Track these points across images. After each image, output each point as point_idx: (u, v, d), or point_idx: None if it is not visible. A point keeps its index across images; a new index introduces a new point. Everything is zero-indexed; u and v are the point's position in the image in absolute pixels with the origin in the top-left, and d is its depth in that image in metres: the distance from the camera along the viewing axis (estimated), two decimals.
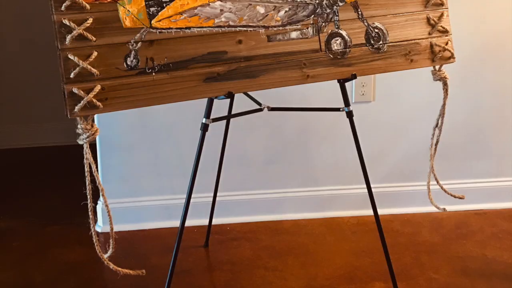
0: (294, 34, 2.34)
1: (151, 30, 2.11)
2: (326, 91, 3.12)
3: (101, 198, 2.14)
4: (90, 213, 2.15)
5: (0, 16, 4.62)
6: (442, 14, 2.58)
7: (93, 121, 2.08)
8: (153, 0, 2.10)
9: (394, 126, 3.56)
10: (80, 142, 2.07)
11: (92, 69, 2.02)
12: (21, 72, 4.79)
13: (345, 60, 2.43)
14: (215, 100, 2.33)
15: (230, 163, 3.30)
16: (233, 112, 2.85)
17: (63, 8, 1.96)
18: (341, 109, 2.54)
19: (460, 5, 3.20)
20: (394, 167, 3.62)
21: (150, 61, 2.11)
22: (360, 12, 2.43)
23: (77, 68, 2.00)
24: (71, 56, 1.99)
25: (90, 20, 2.01)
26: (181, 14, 2.13)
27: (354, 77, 2.45)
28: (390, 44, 2.50)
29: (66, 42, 1.98)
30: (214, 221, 3.30)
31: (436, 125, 2.73)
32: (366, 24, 2.45)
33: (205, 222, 3.28)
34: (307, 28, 2.36)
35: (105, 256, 2.19)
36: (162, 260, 3.09)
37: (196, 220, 3.37)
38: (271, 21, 2.29)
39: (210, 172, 3.15)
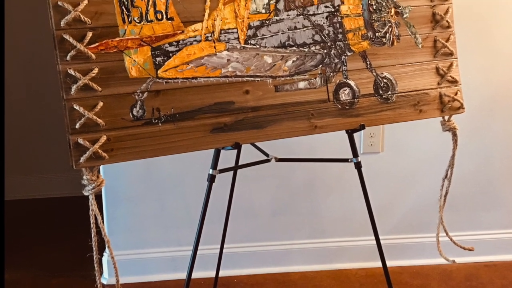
0: (302, 84, 2.33)
1: (157, 80, 2.10)
2: (334, 142, 3.10)
3: (106, 249, 2.12)
4: (95, 265, 2.12)
5: (5, 65, 4.63)
6: (451, 64, 2.57)
7: (98, 172, 2.06)
8: (159, 50, 2.09)
9: (403, 177, 3.53)
10: (86, 193, 2.05)
11: (98, 119, 2.01)
12: (26, 122, 4.79)
13: (354, 110, 2.42)
14: (222, 151, 2.31)
15: (237, 214, 3.27)
16: (240, 162, 2.83)
17: (68, 58, 1.96)
18: (349, 160, 2.53)
19: (469, 55, 3.19)
20: (403, 218, 3.58)
21: (157, 111, 2.10)
22: (368, 62, 2.42)
23: (83, 119, 1.99)
24: (76, 107, 1.99)
25: (96, 70, 2.00)
26: (188, 64, 2.12)
27: (362, 127, 2.43)
28: (399, 94, 2.48)
29: (72, 92, 1.98)
30: (221, 273, 3.26)
31: (445, 176, 2.71)
32: (374, 74, 2.43)
33: (212, 274, 3.24)
34: (315, 78, 2.35)
35: None
36: None
37: (203, 272, 3.33)
38: (279, 71, 2.28)
39: (217, 224, 3.12)
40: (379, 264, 2.64)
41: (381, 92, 2.45)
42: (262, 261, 3.52)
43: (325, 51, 2.34)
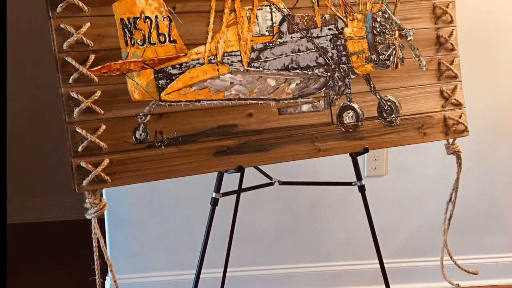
0: (305, 107, 2.32)
1: (160, 103, 2.09)
2: (337, 165, 3.09)
3: (109, 273, 2.10)
4: None
5: (8, 88, 4.62)
6: (455, 87, 2.56)
7: (101, 195, 2.05)
8: (162, 73, 2.09)
9: (407, 200, 3.51)
10: (88, 217, 2.04)
11: (100, 142, 2.00)
12: (29, 145, 4.78)
13: (357, 133, 2.41)
14: (225, 174, 2.30)
15: (240, 238, 3.25)
16: (243, 186, 2.81)
17: (70, 80, 1.95)
18: (353, 183, 2.52)
19: (474, 77, 3.19)
20: (407, 241, 3.56)
21: (159, 134, 2.09)
22: (372, 85, 2.42)
23: (85, 142, 1.99)
24: (79, 130, 1.98)
25: (98, 93, 1.99)
26: (191, 87, 2.12)
27: (366, 150, 2.43)
28: (403, 117, 2.47)
29: (74, 115, 1.97)
30: None
31: (450, 199, 2.70)
32: (378, 97, 2.43)
33: None
34: (319, 101, 2.34)
35: None
36: None
37: None
38: (282, 94, 2.27)
39: (220, 247, 3.10)
40: (383, 287, 2.62)
41: (385, 115, 2.45)
42: (265, 285, 3.50)
43: (328, 73, 2.33)
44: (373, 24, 2.34)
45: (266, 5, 2.25)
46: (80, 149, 1.98)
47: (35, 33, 4.56)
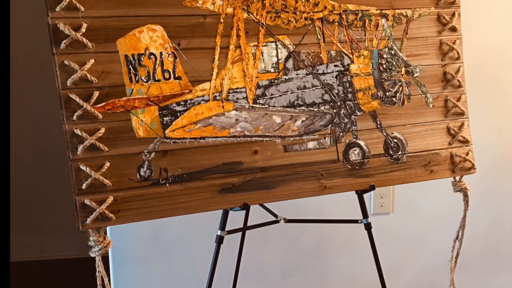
0: (311, 144, 2.31)
1: (164, 140, 2.09)
2: (343, 202, 3.06)
3: None
4: None
5: (11, 125, 4.63)
6: (462, 124, 2.55)
7: (105, 233, 2.05)
8: (166, 110, 2.08)
9: (414, 238, 3.49)
10: (92, 255, 2.03)
11: (105, 180, 2.00)
12: (32, 182, 4.78)
13: (363, 170, 2.40)
14: (230, 212, 2.28)
15: (245, 276, 3.23)
16: (248, 223, 2.79)
17: (74, 117, 1.95)
18: (359, 221, 2.50)
19: (481, 114, 3.18)
20: (413, 280, 3.54)
21: (164, 172, 2.09)
22: (378, 122, 2.41)
23: (89, 179, 1.98)
24: (83, 167, 1.97)
25: (103, 130, 1.99)
26: (196, 124, 2.11)
27: (372, 188, 2.42)
28: (410, 154, 2.47)
29: (78, 153, 1.97)
30: None
31: (457, 237, 2.69)
32: (385, 134, 2.42)
33: None
34: (325, 138, 2.33)
35: None
36: None
37: None
38: (288, 131, 2.26)
39: (225, 285, 3.08)
40: None
41: (391, 152, 2.44)
42: None
43: (334, 110, 2.33)
44: (380, 61, 2.34)
45: (272, 42, 2.25)
46: (84, 186, 1.98)
47: (39, 69, 4.57)
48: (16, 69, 4.51)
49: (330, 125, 2.34)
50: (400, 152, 2.45)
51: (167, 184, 2.09)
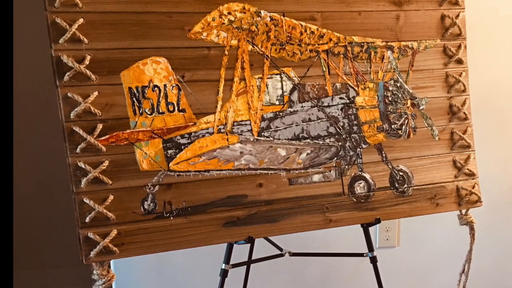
0: (316, 177, 2.31)
1: (169, 173, 2.08)
2: (348, 235, 3.06)
3: None
4: None
5: (14, 158, 4.62)
6: (468, 157, 2.55)
7: (109, 266, 2.04)
8: (171, 142, 2.08)
9: (420, 272, 3.47)
10: None
11: (108, 213, 1.99)
12: (35, 216, 4.76)
13: (369, 204, 2.39)
14: (234, 245, 2.27)
15: None
16: (253, 257, 2.78)
17: (78, 150, 1.95)
18: (364, 255, 2.49)
19: (487, 147, 3.17)
20: None
21: (168, 205, 2.08)
22: (384, 155, 2.40)
23: (93, 212, 1.98)
24: (86, 200, 1.97)
25: (106, 163, 1.99)
26: (200, 157, 2.11)
27: (378, 221, 2.41)
28: (415, 187, 2.45)
29: (82, 186, 1.96)
30: None
31: (463, 271, 2.68)
32: (390, 167, 2.41)
33: None
34: (330, 171, 2.33)
35: None
36: None
37: None
38: (293, 164, 2.26)
39: None
40: None
41: (397, 185, 2.43)
42: None
43: (340, 143, 2.32)
44: (385, 93, 2.33)
45: (276, 74, 2.24)
46: (87, 219, 1.97)
47: (42, 101, 4.56)
48: (19, 101, 4.50)
49: (335, 158, 2.33)
50: (405, 185, 2.44)
51: (171, 218, 2.08)
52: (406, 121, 2.37)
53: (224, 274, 2.32)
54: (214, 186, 2.15)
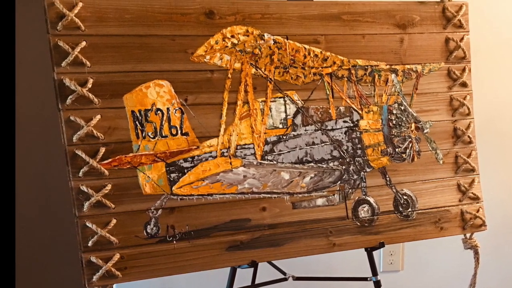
0: (320, 201, 2.30)
1: (172, 197, 2.08)
2: (352, 259, 3.04)
3: None
4: None
5: (16, 182, 4.61)
6: (473, 181, 2.53)
7: None
8: (174, 166, 2.08)
9: None
10: None
11: (111, 237, 2.00)
12: (37, 239, 4.74)
13: (373, 228, 2.38)
14: (238, 269, 2.26)
15: None
16: (256, 281, 2.76)
17: (81, 174, 1.95)
18: (368, 279, 2.49)
19: (491, 170, 3.16)
20: None
21: (171, 229, 2.08)
22: (388, 178, 2.39)
23: (95, 236, 1.98)
24: (89, 224, 1.97)
25: (109, 187, 1.99)
26: (203, 181, 2.10)
27: (382, 245, 2.40)
28: (420, 211, 2.44)
29: (84, 209, 1.97)
30: None
31: None
32: (394, 190, 2.40)
33: None
34: (334, 194, 2.32)
35: None
36: None
37: None
38: (296, 188, 2.25)
39: None
40: None
41: (401, 209, 2.42)
42: None
43: (343, 167, 2.31)
44: (389, 117, 2.33)
45: (280, 97, 2.24)
46: (90, 243, 1.97)
47: (44, 125, 4.56)
48: (21, 125, 4.50)
49: (339, 182, 2.32)
50: (410, 209, 2.43)
51: (174, 241, 2.08)
52: (410, 145, 2.36)
53: None
54: (217, 210, 2.14)
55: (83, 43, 1.95)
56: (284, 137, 2.24)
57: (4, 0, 1.97)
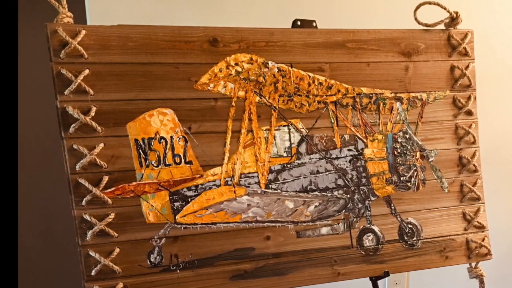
0: (324, 230, 2.29)
1: (175, 225, 2.08)
2: None
3: None
4: None
5: (19, 211, 4.60)
6: (478, 209, 2.52)
7: None
8: (177, 195, 2.07)
9: None
10: None
11: (114, 266, 1.99)
12: (40, 269, 4.73)
13: (378, 257, 2.37)
14: None
15: None
16: None
17: (84, 202, 1.95)
18: None
19: (497, 199, 3.16)
20: None
21: (175, 258, 2.08)
22: (393, 207, 2.38)
23: (99, 265, 1.97)
24: (92, 253, 1.97)
25: (112, 216, 1.98)
26: (207, 209, 2.09)
27: (387, 274, 2.38)
28: (425, 240, 2.43)
29: (87, 238, 1.96)
30: None
31: None
32: (399, 219, 2.39)
33: None
34: (338, 223, 2.31)
35: None
36: None
37: None
38: (301, 217, 2.24)
39: None
40: None
41: (406, 238, 2.41)
42: None
43: (348, 195, 2.30)
44: (394, 145, 2.32)
45: (284, 126, 2.23)
46: (93, 273, 1.97)
47: (47, 153, 4.56)
48: (24, 153, 4.50)
49: (344, 211, 2.31)
50: (415, 238, 2.42)
51: (178, 271, 2.07)
52: (415, 173, 2.35)
53: None
54: (221, 239, 2.13)
55: (86, 71, 1.94)
56: (289, 166, 2.24)
57: (7, 28, 1.97)
